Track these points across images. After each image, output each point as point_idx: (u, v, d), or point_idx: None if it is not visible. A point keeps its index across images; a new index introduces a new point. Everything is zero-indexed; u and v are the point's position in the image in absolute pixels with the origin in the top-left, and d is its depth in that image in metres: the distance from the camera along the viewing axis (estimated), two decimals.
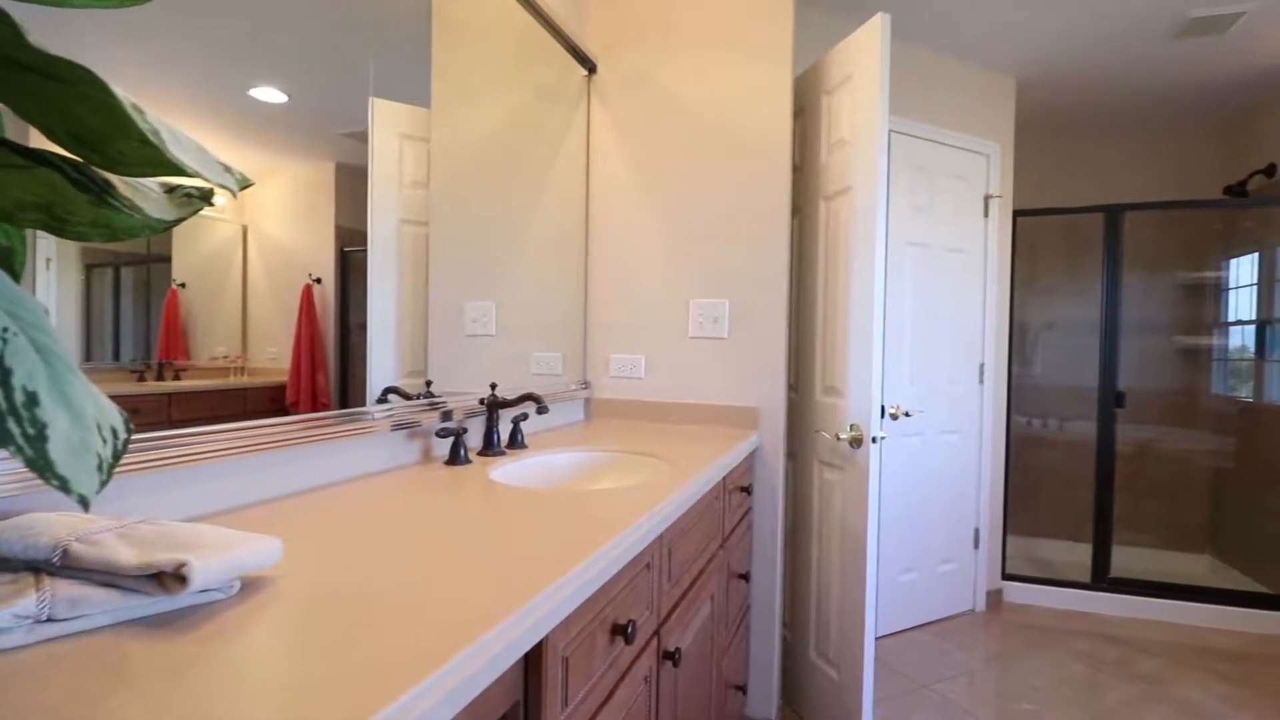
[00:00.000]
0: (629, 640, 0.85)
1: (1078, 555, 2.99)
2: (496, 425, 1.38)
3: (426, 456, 1.33)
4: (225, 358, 1.03)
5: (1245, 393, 3.27)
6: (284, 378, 1.12)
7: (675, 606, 1.16)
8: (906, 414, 2.57)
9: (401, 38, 1.35)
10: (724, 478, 1.49)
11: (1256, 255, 3.19)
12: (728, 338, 1.88)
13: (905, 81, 2.62)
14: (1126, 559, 3.37)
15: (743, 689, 1.73)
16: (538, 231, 1.81)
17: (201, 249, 1.00)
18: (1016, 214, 2.93)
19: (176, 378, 0.95)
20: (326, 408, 1.20)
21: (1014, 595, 2.95)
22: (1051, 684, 2.27)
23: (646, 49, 1.96)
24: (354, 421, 1.13)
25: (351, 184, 1.24)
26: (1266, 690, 2.25)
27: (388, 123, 1.32)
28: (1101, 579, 2.88)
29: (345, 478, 1.13)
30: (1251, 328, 3.25)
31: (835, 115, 1.84)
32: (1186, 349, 3.52)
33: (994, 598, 2.92)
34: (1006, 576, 2.96)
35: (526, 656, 0.67)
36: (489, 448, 1.37)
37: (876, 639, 2.57)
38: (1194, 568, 3.34)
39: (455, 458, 1.27)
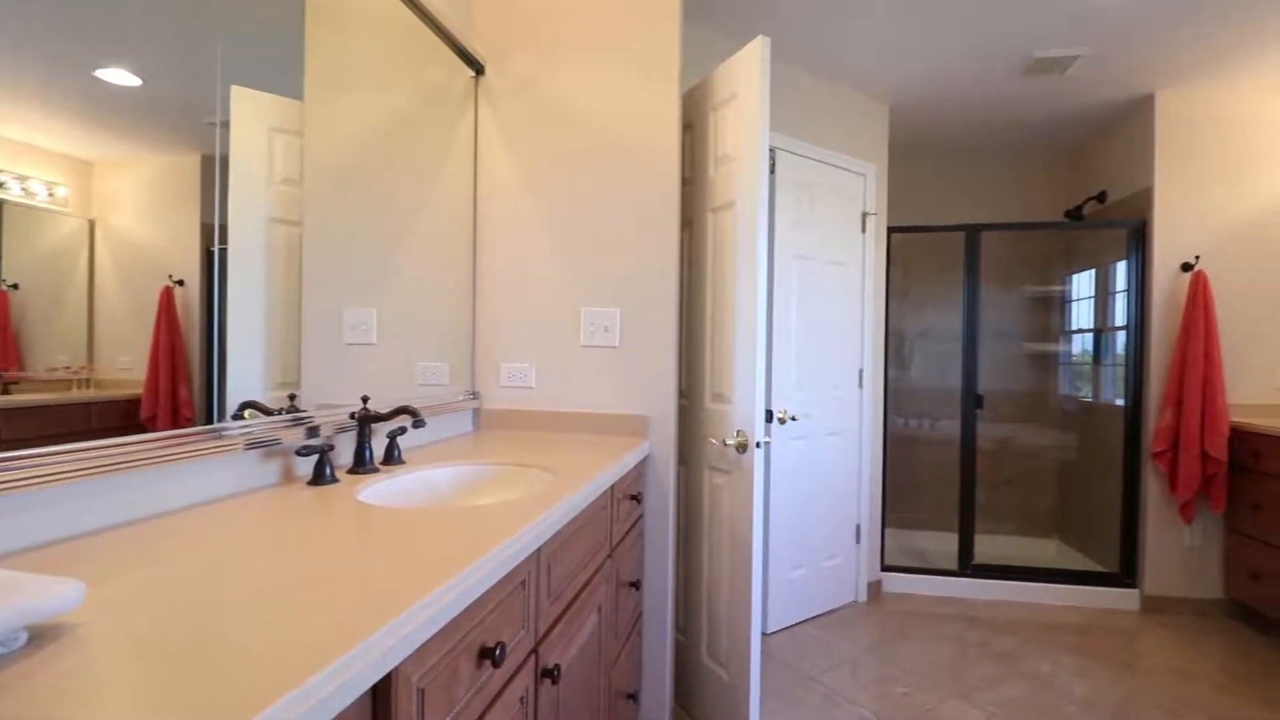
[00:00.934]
0: (497, 664, 0.82)
1: (948, 544, 3.25)
2: (369, 441, 1.31)
3: (288, 477, 1.24)
4: (67, 368, 0.92)
5: (1086, 393, 3.68)
6: (140, 390, 1.01)
7: (556, 622, 1.14)
8: (793, 418, 2.69)
9: (267, 23, 1.26)
10: (612, 486, 1.49)
11: (1093, 271, 3.60)
12: (619, 346, 1.89)
13: (791, 103, 2.76)
14: (988, 546, 3.70)
15: (634, 697, 1.74)
16: (423, 235, 1.74)
17: (37, 246, 0.88)
18: (890, 230, 3.15)
19: (5, 391, 0.83)
20: (190, 422, 1.09)
21: (892, 585, 3.15)
22: (923, 666, 2.44)
23: (537, 55, 1.94)
24: (202, 441, 1.03)
25: (220, 178, 1.14)
26: (1106, 659, 2.52)
27: (254, 114, 1.22)
28: (967, 566, 3.13)
29: (190, 503, 1.03)
30: (1090, 335, 3.66)
31: (721, 131, 1.90)
32: (1036, 354, 3.92)
33: (874, 588, 3.10)
34: (885, 568, 3.16)
35: (375, 690, 0.63)
36: (360, 465, 1.29)
37: (768, 635, 2.67)
38: (1045, 551, 3.72)
39: (320, 477, 1.19)
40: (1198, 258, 2.91)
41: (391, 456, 1.39)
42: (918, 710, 2.14)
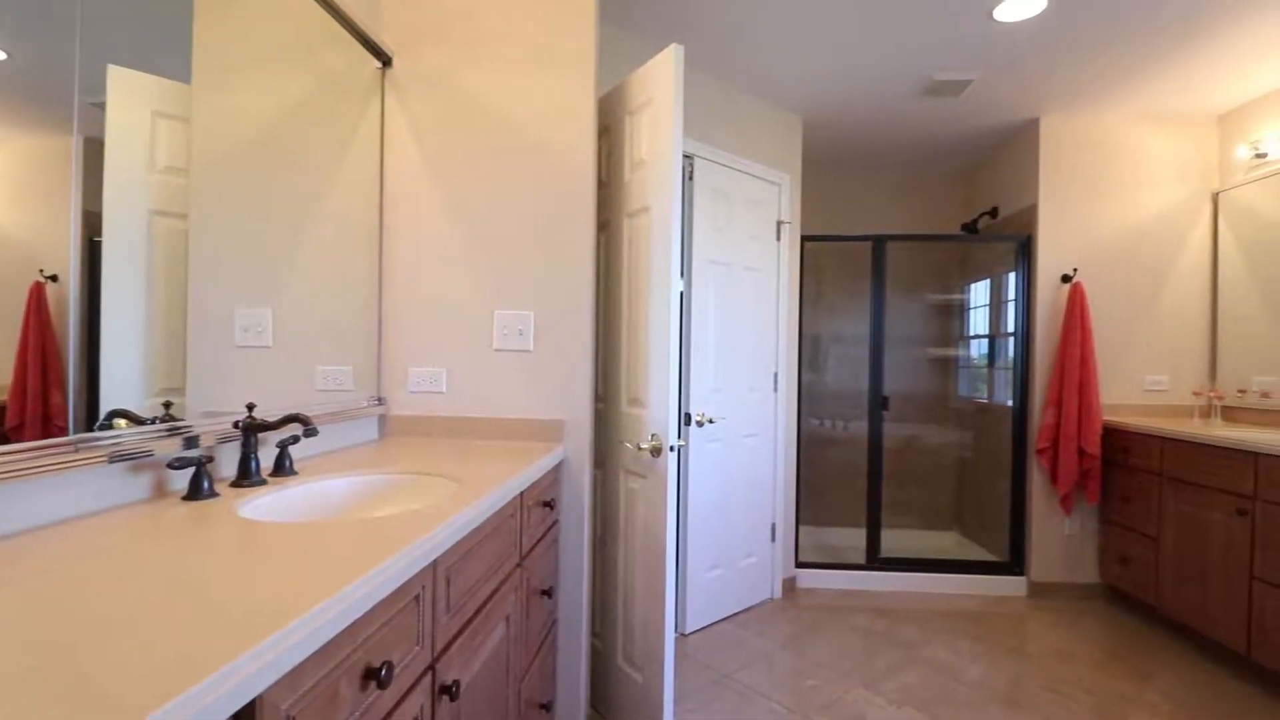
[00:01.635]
0: (383, 684, 0.78)
1: (858, 540, 3.40)
2: (255, 451, 1.22)
3: (160, 492, 1.14)
4: None
5: (981, 394, 3.93)
6: (3, 396, 0.90)
7: (457, 636, 1.10)
8: (710, 420, 2.74)
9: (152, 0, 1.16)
10: (522, 493, 1.46)
11: (988, 281, 3.86)
12: (534, 350, 1.86)
13: (710, 111, 2.81)
14: (895, 540, 3.90)
15: (548, 707, 1.71)
16: (325, 232, 1.65)
17: None
18: (804, 239, 3.27)
19: None
20: (63, 432, 0.99)
21: (805, 581, 3.26)
22: (833, 658, 2.53)
23: (448, 50, 1.89)
24: (57, 454, 0.93)
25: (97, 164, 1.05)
26: (997, 643, 2.70)
27: (134, 96, 1.12)
28: (874, 559, 3.28)
29: (39, 524, 0.93)
30: (985, 341, 3.92)
31: (637, 136, 1.91)
32: (938, 359, 4.17)
33: (789, 585, 3.20)
34: (799, 564, 3.27)
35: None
36: (245, 478, 1.21)
37: (686, 635, 2.70)
38: (945, 543, 3.95)
39: (196, 491, 1.10)
40: (1075, 270, 3.18)
41: (282, 468, 1.30)
42: (826, 700, 2.22)
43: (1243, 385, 2.97)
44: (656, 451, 1.76)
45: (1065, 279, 3.18)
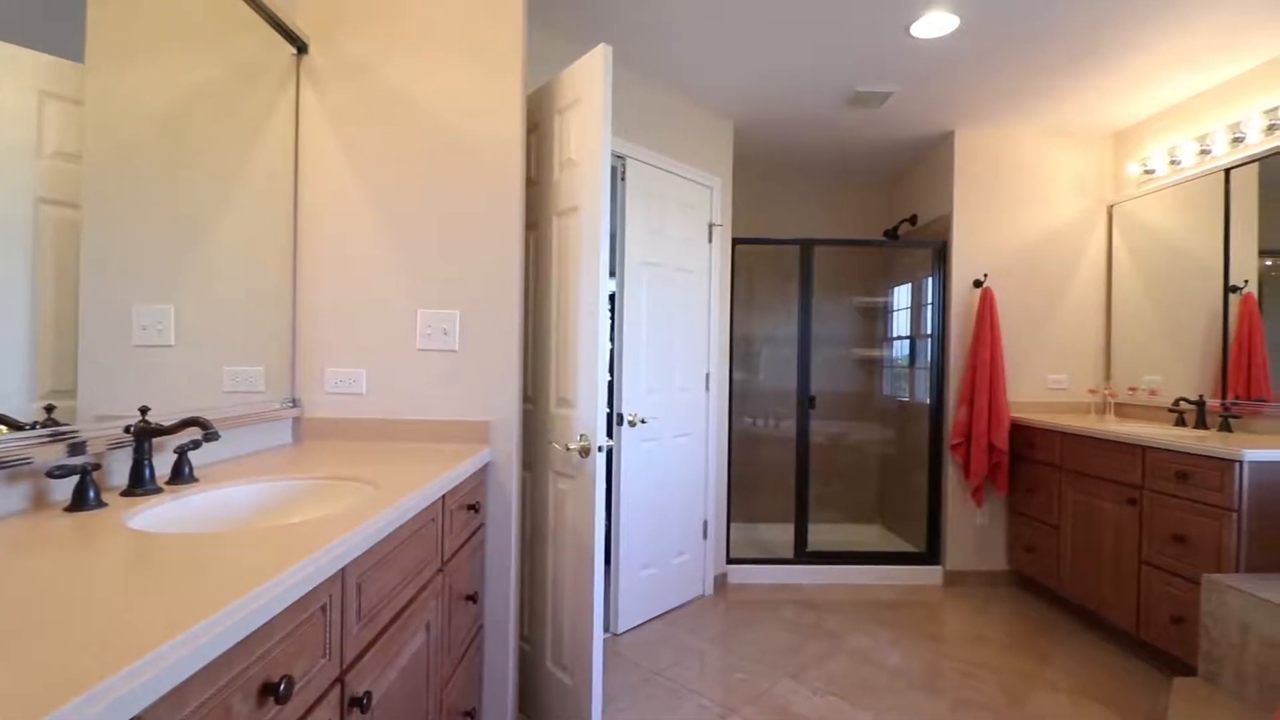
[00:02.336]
0: (282, 699, 0.75)
1: (788, 535, 3.49)
2: (148, 458, 1.15)
3: (41, 503, 1.05)
4: None
5: (904, 393, 4.12)
6: None
7: (370, 646, 1.07)
8: (643, 420, 2.75)
9: None
10: (444, 497, 1.43)
11: (910, 285, 4.04)
12: (459, 350, 1.82)
13: (643, 113, 2.83)
14: (822, 534, 4.03)
15: (472, 715, 1.68)
16: (234, 226, 1.56)
17: None
18: (735, 241, 3.34)
19: None
20: None
21: (737, 577, 3.33)
22: (762, 652, 2.59)
23: (370, 40, 1.83)
24: None
25: None
26: (914, 630, 2.83)
27: (16, 73, 1.03)
28: (802, 554, 3.38)
29: None
30: (907, 342, 4.11)
31: (566, 135, 1.90)
32: (863, 359, 4.34)
33: (720, 581, 3.26)
34: (731, 561, 3.34)
35: None
36: (138, 486, 1.13)
37: (618, 635, 2.71)
38: (869, 536, 4.12)
39: (81, 502, 1.02)
40: (986, 275, 3.38)
41: (181, 475, 1.23)
42: (754, 693, 2.27)
43: (1133, 383, 3.23)
44: (585, 452, 1.76)
45: (977, 284, 3.37)
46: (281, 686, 0.75)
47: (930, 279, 3.56)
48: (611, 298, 2.41)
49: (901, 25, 2.39)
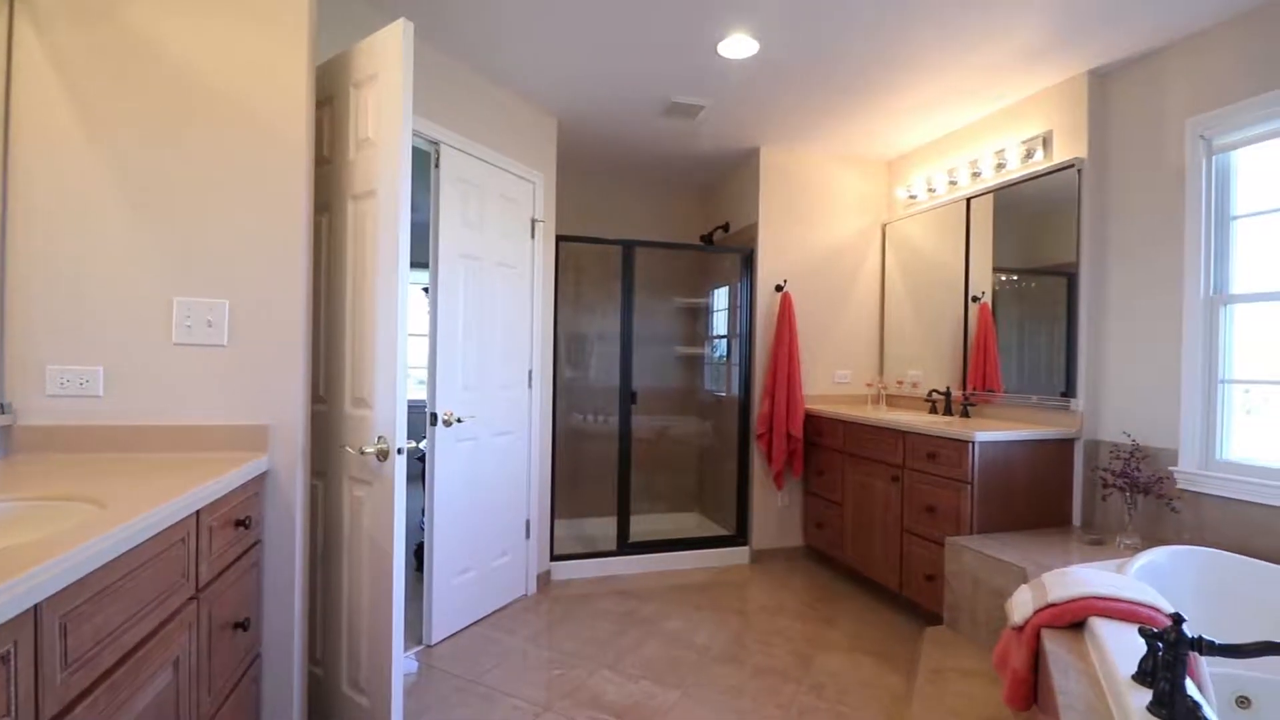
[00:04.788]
0: None
1: (613, 528, 3.57)
2: None
3: None
4: None
5: (721, 389, 4.40)
6: None
7: (85, 695, 0.89)
8: (459, 420, 2.65)
9: None
10: (199, 513, 1.24)
11: (726, 288, 4.32)
12: (228, 345, 1.60)
13: (464, 101, 2.71)
14: (645, 524, 4.18)
15: None
16: None
17: None
18: (559, 238, 3.33)
19: None
20: None
21: (560, 573, 3.34)
22: (580, 644, 2.62)
23: None
24: None
25: None
26: (722, 608, 3.03)
27: None
28: (624, 545, 3.48)
29: None
30: (724, 340, 4.39)
31: (362, 112, 1.75)
32: (685, 356, 4.57)
33: (544, 579, 3.24)
34: (555, 557, 3.34)
35: None
36: None
37: (431, 646, 2.58)
38: (688, 523, 4.35)
39: None
40: (785, 281, 3.72)
41: None
42: (570, 687, 2.28)
43: (900, 377, 3.75)
44: (384, 455, 1.64)
45: (778, 288, 3.71)
46: None
47: (741, 282, 3.84)
48: (427, 291, 2.28)
49: (710, 43, 2.54)
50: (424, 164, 2.67)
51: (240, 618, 1.45)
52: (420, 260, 2.70)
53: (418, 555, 3.35)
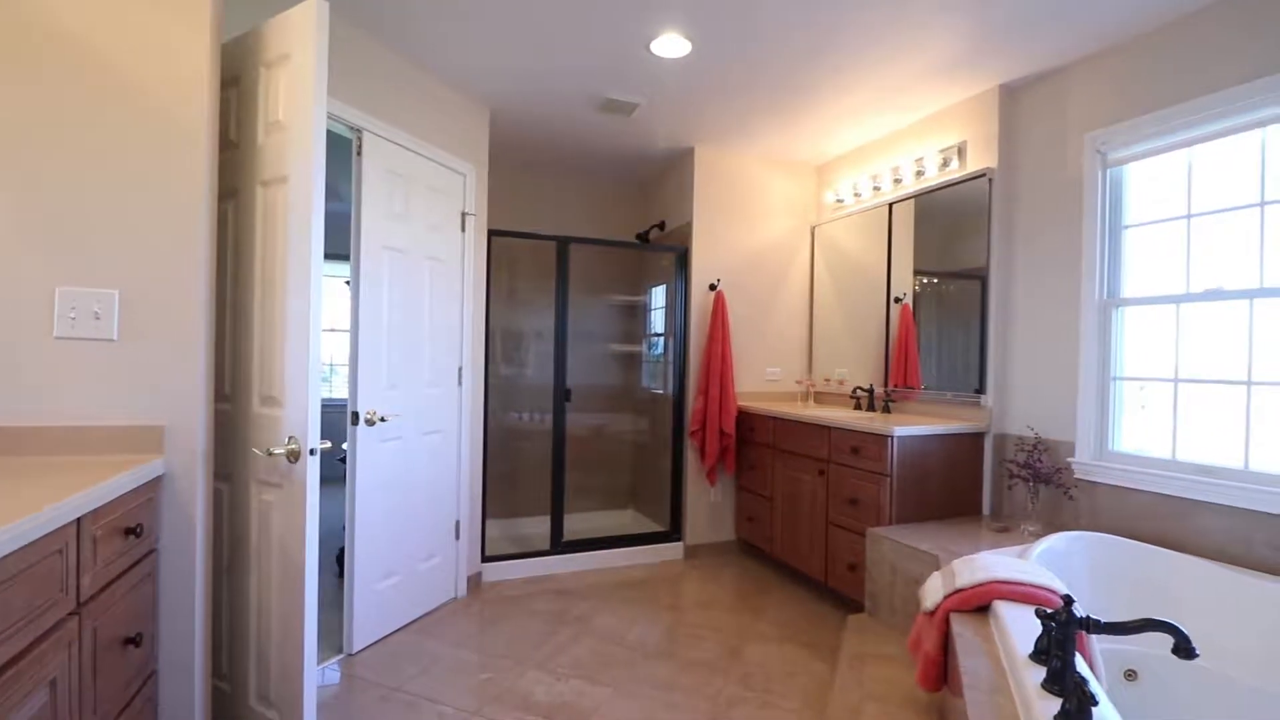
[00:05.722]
0: None
1: (546, 528, 3.53)
2: None
3: None
4: None
5: (658, 386, 4.41)
6: None
7: None
8: (383, 419, 2.55)
9: None
10: (80, 521, 1.14)
11: (664, 286, 4.34)
12: (119, 339, 1.48)
13: (390, 87, 2.61)
14: (580, 522, 4.16)
15: None
16: None
17: None
18: (491, 233, 3.26)
19: None
20: None
21: (492, 574, 3.27)
22: (510, 646, 2.57)
23: None
24: None
25: None
26: (655, 604, 3.05)
27: None
28: (558, 544, 3.45)
29: None
30: (662, 338, 4.41)
31: (273, 93, 1.66)
32: (622, 354, 4.56)
33: (474, 581, 3.17)
34: (486, 559, 3.27)
35: None
36: None
37: (353, 655, 2.48)
38: (623, 520, 4.35)
39: None
40: (719, 280, 3.78)
41: None
42: (499, 691, 2.24)
43: (829, 375, 3.87)
44: (294, 456, 1.56)
45: (712, 287, 3.75)
46: None
47: (676, 281, 3.87)
48: (350, 285, 2.18)
49: (642, 41, 2.54)
50: (346, 151, 2.56)
51: (132, 633, 1.34)
52: (342, 252, 2.58)
53: (340, 561, 3.21)
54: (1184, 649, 1.11)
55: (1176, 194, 2.37)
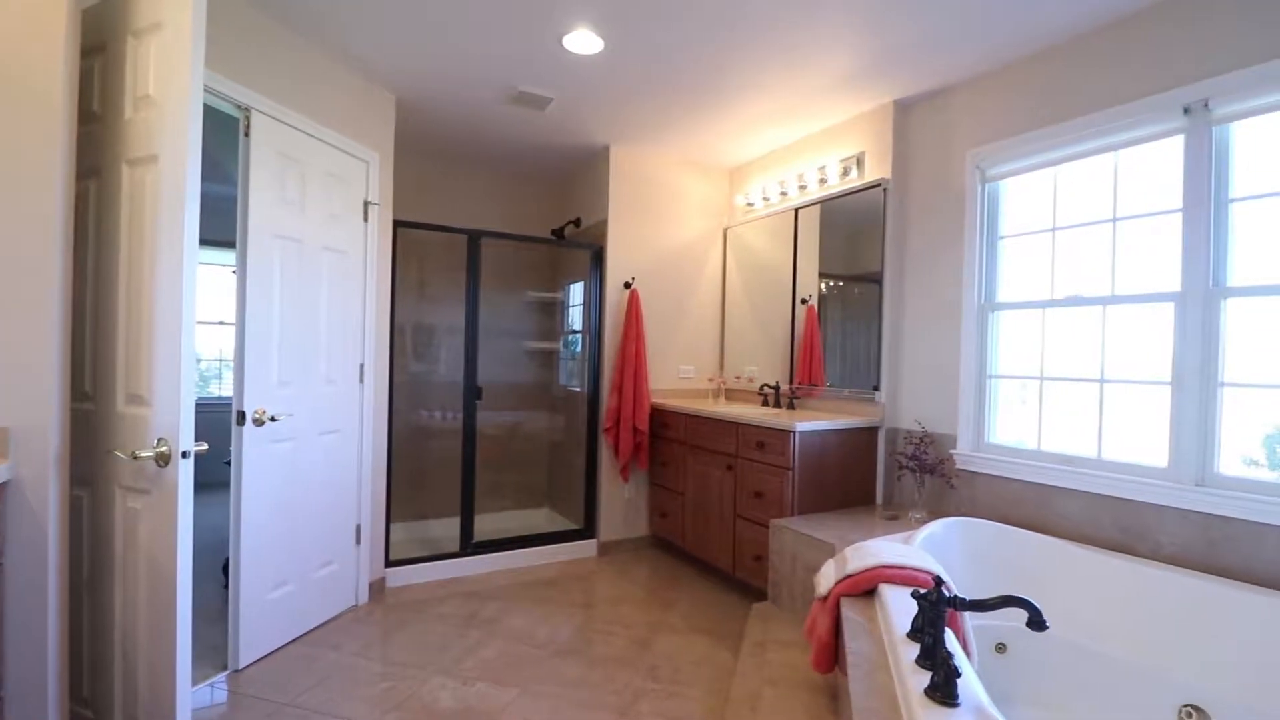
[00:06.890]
0: None
1: (456, 529, 3.44)
2: None
3: None
4: None
5: (574, 383, 4.39)
6: None
7: None
8: (274, 418, 2.40)
9: None
10: None
11: (581, 283, 4.32)
12: None
13: (282, 66, 2.45)
14: (493, 522, 4.08)
15: None
16: None
17: None
18: (397, 224, 3.14)
19: None
20: None
21: (396, 579, 3.15)
22: (414, 652, 2.49)
23: None
24: None
25: None
26: (567, 602, 3.04)
27: None
28: (468, 545, 3.37)
29: None
30: (579, 336, 4.38)
31: (143, 65, 1.52)
32: (537, 351, 4.51)
33: (378, 586, 3.05)
34: (390, 563, 3.15)
35: None
36: None
37: (240, 671, 2.32)
38: (538, 519, 4.31)
39: None
40: (634, 279, 3.81)
41: None
42: (401, 698, 2.16)
43: (739, 372, 3.98)
44: (164, 460, 1.44)
45: (626, 285, 3.78)
46: None
47: (591, 278, 3.87)
48: (237, 275, 2.01)
49: (554, 35, 2.51)
50: (231, 131, 2.38)
51: None
52: (228, 239, 2.40)
53: (226, 571, 2.99)
54: (1036, 622, 1.23)
55: (1044, 208, 2.61)
